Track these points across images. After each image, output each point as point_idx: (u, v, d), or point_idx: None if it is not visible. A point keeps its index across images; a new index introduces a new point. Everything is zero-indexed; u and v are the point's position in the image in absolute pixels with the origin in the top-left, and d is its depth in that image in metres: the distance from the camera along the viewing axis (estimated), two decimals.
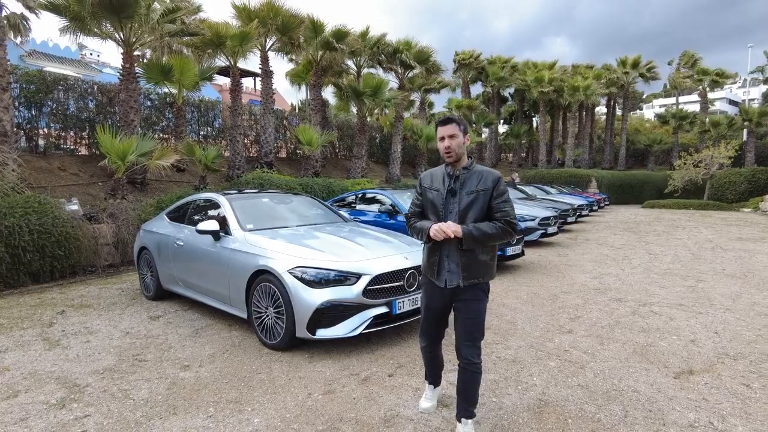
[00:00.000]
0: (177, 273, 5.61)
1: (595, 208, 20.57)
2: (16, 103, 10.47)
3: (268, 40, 15.13)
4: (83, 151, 12.31)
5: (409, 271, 4.34)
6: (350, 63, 19.33)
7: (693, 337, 4.63)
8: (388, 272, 4.21)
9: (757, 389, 3.49)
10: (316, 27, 15.57)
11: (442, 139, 2.74)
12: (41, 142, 11.36)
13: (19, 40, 18.86)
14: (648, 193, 27.58)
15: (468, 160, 2.81)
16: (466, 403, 2.79)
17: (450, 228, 2.62)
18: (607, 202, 24.55)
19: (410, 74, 20.61)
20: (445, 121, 2.76)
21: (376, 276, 4.13)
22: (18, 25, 18.16)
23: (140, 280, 6.39)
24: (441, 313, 2.88)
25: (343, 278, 4.09)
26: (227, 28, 13.22)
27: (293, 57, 18.35)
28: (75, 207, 7.98)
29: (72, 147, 12.23)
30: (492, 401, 3.28)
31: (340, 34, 16.14)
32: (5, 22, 16.79)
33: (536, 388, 3.49)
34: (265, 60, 15.38)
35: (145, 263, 6.23)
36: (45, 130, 11.40)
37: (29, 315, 5.45)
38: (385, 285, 4.19)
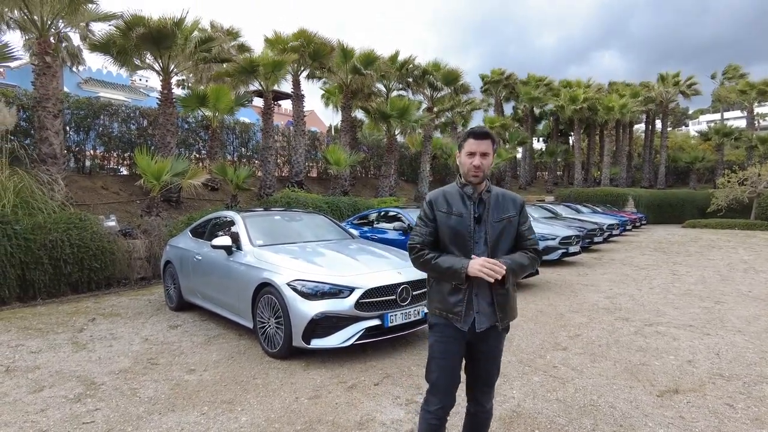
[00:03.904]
0: (195, 285, 6.02)
1: (629, 227, 20.05)
2: (67, 128, 11.45)
3: (300, 66, 15.86)
4: (124, 171, 13.28)
5: (402, 286, 4.55)
6: (380, 86, 19.87)
7: (691, 358, 4.60)
8: (380, 286, 4.44)
9: (740, 410, 3.48)
10: (345, 53, 16.22)
11: (472, 155, 2.20)
12: (87, 162, 12.33)
13: (75, 68, 20.56)
14: (689, 213, 26.58)
15: (486, 182, 2.31)
16: None
17: (498, 265, 2.08)
18: (644, 222, 23.84)
19: (439, 95, 20.93)
20: (482, 135, 2.22)
21: (368, 290, 4.37)
22: (76, 54, 19.86)
23: (165, 292, 6.86)
24: (459, 362, 2.34)
25: (337, 291, 4.35)
26: (261, 57, 14.00)
27: (325, 80, 19.10)
28: (112, 223, 8.63)
29: (115, 167, 13.21)
30: (465, 410, 3.42)
31: (369, 59, 16.70)
32: (65, 52, 18.40)
33: (513, 400, 3.61)
34: (296, 84, 16.10)
35: (169, 276, 6.70)
36: (91, 151, 12.37)
37: (64, 321, 5.98)
38: (377, 298, 4.42)
